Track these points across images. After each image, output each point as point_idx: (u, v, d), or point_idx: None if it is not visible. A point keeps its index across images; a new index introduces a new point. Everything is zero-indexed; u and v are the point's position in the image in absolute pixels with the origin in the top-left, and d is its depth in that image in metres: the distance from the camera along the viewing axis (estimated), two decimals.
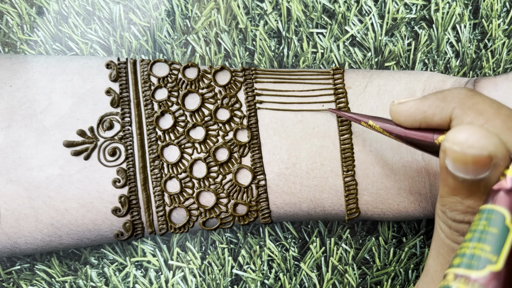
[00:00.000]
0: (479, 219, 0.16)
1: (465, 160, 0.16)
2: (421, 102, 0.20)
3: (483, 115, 0.18)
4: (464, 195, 0.17)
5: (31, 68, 0.29)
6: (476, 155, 0.16)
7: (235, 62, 0.33)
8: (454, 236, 0.18)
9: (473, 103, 0.18)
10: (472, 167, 0.16)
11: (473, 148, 0.16)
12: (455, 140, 0.16)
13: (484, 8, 0.33)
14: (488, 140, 0.16)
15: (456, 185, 0.17)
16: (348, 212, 0.29)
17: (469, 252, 0.15)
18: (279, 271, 0.33)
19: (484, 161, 0.16)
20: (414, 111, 0.20)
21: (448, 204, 0.18)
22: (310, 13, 0.33)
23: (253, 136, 0.29)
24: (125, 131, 0.29)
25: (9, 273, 0.32)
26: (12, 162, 0.28)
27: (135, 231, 0.29)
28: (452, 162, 0.17)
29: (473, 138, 0.16)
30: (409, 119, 0.21)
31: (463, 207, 0.18)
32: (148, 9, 0.33)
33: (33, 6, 0.33)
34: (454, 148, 0.16)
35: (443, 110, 0.19)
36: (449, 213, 0.18)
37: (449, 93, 0.19)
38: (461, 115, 0.18)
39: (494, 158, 0.16)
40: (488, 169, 0.16)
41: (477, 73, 0.33)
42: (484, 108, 0.18)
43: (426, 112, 0.20)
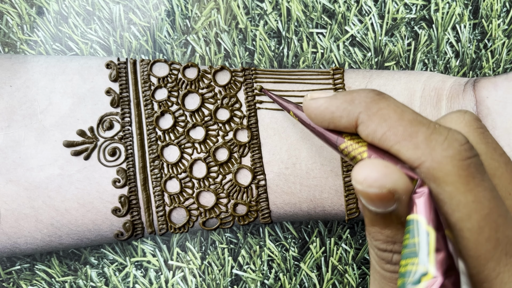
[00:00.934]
0: (405, 233, 0.16)
1: (370, 197, 0.16)
2: (330, 101, 0.20)
3: (386, 121, 0.18)
4: (381, 226, 0.18)
5: (31, 68, 0.29)
6: (377, 193, 0.16)
7: (235, 62, 0.33)
8: (382, 264, 0.19)
9: (378, 109, 0.18)
10: (378, 202, 0.16)
11: (372, 187, 0.16)
12: (356, 179, 0.16)
13: (484, 8, 0.33)
14: (386, 178, 0.16)
15: (372, 217, 0.18)
16: (348, 212, 0.29)
17: (404, 270, 0.15)
18: (279, 271, 0.33)
19: (386, 197, 0.16)
20: (323, 110, 0.20)
21: (371, 234, 0.18)
22: (310, 13, 0.33)
23: (253, 136, 0.29)
24: (125, 131, 0.29)
25: (9, 273, 0.32)
26: (12, 162, 0.28)
27: (135, 231, 0.29)
28: (361, 198, 0.17)
29: (372, 176, 0.16)
30: (319, 118, 0.20)
31: (383, 237, 0.18)
32: (148, 9, 0.33)
33: (33, 6, 0.33)
34: (358, 187, 0.16)
35: (349, 114, 0.19)
36: (373, 242, 0.18)
37: (356, 95, 0.19)
38: (366, 120, 0.18)
39: (395, 194, 0.16)
40: (393, 203, 0.16)
41: (477, 73, 0.33)
42: (388, 113, 0.18)
43: (334, 113, 0.20)
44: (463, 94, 0.28)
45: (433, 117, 0.28)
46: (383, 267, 0.19)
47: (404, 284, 0.15)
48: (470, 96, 0.28)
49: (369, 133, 0.18)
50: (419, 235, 0.15)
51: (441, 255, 0.15)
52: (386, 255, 0.18)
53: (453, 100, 0.28)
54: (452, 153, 0.16)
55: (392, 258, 0.18)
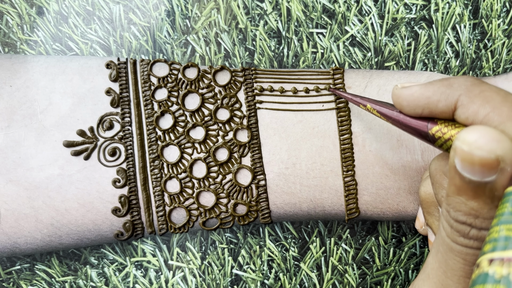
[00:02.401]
0: (502, 202, 0.16)
1: (472, 161, 0.16)
2: (425, 87, 0.20)
3: (489, 102, 0.17)
4: (469, 196, 0.17)
5: (31, 68, 0.29)
6: (484, 157, 0.16)
7: (235, 62, 0.33)
8: (454, 236, 0.18)
9: (480, 91, 0.18)
10: (479, 168, 0.16)
11: (481, 150, 0.16)
12: (465, 140, 0.16)
13: (484, 8, 0.33)
14: (498, 144, 0.16)
15: (462, 185, 0.17)
16: (348, 212, 0.29)
17: (499, 235, 0.15)
18: (279, 271, 0.33)
19: (491, 164, 0.16)
20: (418, 96, 0.20)
21: (452, 204, 0.18)
22: (310, 13, 0.33)
23: (253, 136, 0.29)
24: (125, 131, 0.29)
25: (9, 273, 0.32)
26: (12, 162, 0.28)
27: (135, 231, 0.29)
28: (460, 161, 0.16)
29: (483, 139, 0.16)
30: (412, 104, 0.20)
31: (467, 209, 0.17)
32: (148, 9, 0.33)
33: (33, 6, 0.33)
34: (463, 147, 0.16)
35: (448, 97, 0.19)
36: (452, 213, 0.18)
37: (455, 80, 0.19)
38: (468, 102, 0.18)
39: (501, 163, 0.16)
40: (495, 173, 0.16)
41: (477, 73, 0.33)
42: (491, 95, 0.18)
43: (430, 98, 0.20)
44: None
45: None
46: (455, 240, 0.18)
47: (496, 248, 0.15)
48: None
49: (470, 115, 0.18)
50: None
51: None
52: (463, 228, 0.18)
53: None
54: None
55: (470, 232, 0.18)
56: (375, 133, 0.29)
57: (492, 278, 0.14)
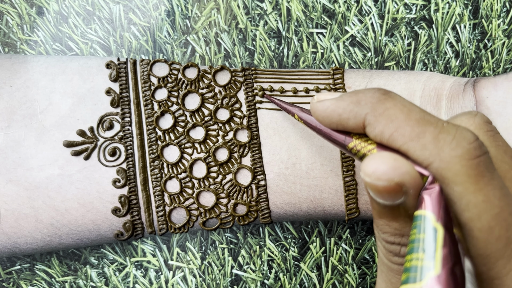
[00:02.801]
0: (412, 228, 0.16)
1: (378, 190, 0.16)
2: (336, 103, 0.20)
3: (393, 122, 0.17)
4: (389, 219, 0.18)
5: (31, 68, 0.29)
6: (385, 186, 0.16)
7: (235, 62, 0.33)
8: (389, 256, 0.19)
9: (384, 109, 0.18)
10: (386, 195, 0.16)
11: (380, 180, 0.16)
12: (365, 172, 0.16)
13: (484, 8, 0.33)
14: (394, 171, 0.16)
15: (380, 209, 0.18)
16: (348, 212, 0.29)
17: (409, 265, 0.15)
18: (279, 271, 0.33)
19: (394, 190, 0.16)
20: (330, 112, 0.20)
21: (379, 226, 0.18)
22: (310, 13, 0.33)
23: (253, 136, 0.29)
24: (125, 131, 0.29)
25: (9, 273, 0.32)
26: (12, 162, 0.28)
27: (135, 231, 0.29)
28: (369, 190, 0.17)
29: (381, 169, 0.16)
30: (326, 120, 0.20)
31: (391, 229, 0.18)
32: (148, 9, 0.33)
33: (33, 6, 0.33)
34: (366, 179, 0.16)
35: (356, 115, 0.19)
36: (381, 234, 0.18)
37: (362, 96, 0.19)
38: (373, 122, 0.18)
39: (403, 187, 0.16)
40: (401, 196, 0.16)
41: (476, 73, 0.33)
42: (394, 114, 0.17)
43: (341, 115, 0.19)
44: (463, 94, 0.28)
45: None
46: (390, 260, 0.19)
47: (408, 279, 0.15)
48: (470, 96, 0.28)
49: (377, 134, 0.18)
50: (426, 231, 0.15)
51: (447, 252, 0.15)
52: (393, 248, 0.18)
53: (453, 100, 0.28)
54: (460, 152, 0.16)
55: (400, 250, 0.18)
56: None
57: None
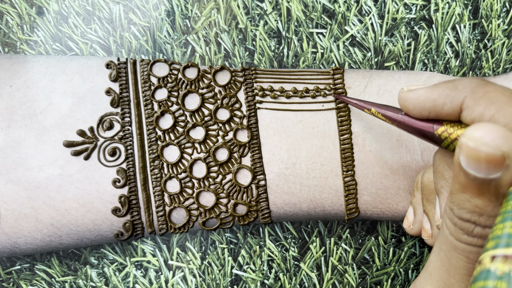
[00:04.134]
0: (507, 200, 0.16)
1: (478, 157, 0.16)
2: (431, 90, 0.20)
3: (494, 104, 0.17)
4: (473, 194, 0.17)
5: (31, 68, 0.29)
6: (490, 153, 0.16)
7: (235, 62, 0.33)
8: (458, 234, 0.18)
9: (485, 92, 0.18)
10: (485, 165, 0.16)
11: (487, 146, 0.16)
12: (471, 136, 0.16)
13: (484, 8, 0.33)
14: (504, 140, 0.15)
15: (466, 182, 0.17)
16: (348, 212, 0.29)
17: (502, 233, 0.15)
18: (279, 271, 0.33)
19: (497, 160, 0.16)
20: (423, 99, 0.20)
21: (456, 201, 0.18)
22: (310, 13, 0.33)
23: (253, 136, 0.29)
24: (125, 131, 0.29)
25: (9, 273, 0.32)
26: (12, 162, 0.28)
27: (135, 231, 0.29)
28: (465, 158, 0.16)
29: (489, 136, 0.16)
30: (418, 107, 0.20)
31: (471, 206, 0.17)
32: (148, 9, 0.33)
33: (33, 6, 0.33)
34: (469, 143, 0.16)
35: (453, 99, 0.19)
36: (456, 211, 0.18)
37: (460, 82, 0.19)
38: (472, 104, 0.18)
39: (507, 159, 0.16)
40: (500, 170, 0.16)
41: (476, 73, 0.33)
42: (495, 96, 0.18)
43: (436, 101, 0.20)
44: None
45: None
46: (459, 238, 0.18)
47: (499, 244, 0.15)
48: None
49: (475, 117, 0.18)
50: None
51: None
52: (467, 226, 0.18)
53: None
54: None
55: (474, 229, 0.18)
56: (375, 133, 0.29)
57: (494, 274, 0.14)
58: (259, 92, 0.29)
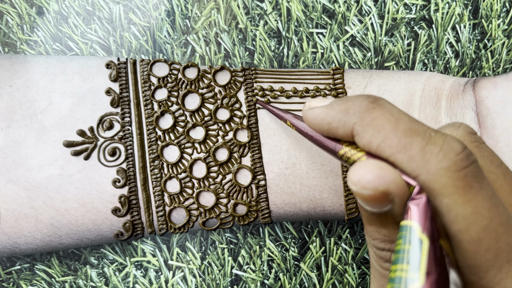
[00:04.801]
0: (398, 238, 0.16)
1: (364, 198, 0.16)
2: (326, 111, 0.19)
3: (380, 132, 0.17)
4: (377, 225, 0.18)
5: (31, 68, 0.29)
6: (370, 194, 0.16)
7: (235, 62, 0.33)
8: (380, 262, 0.19)
9: (372, 119, 0.18)
10: (372, 203, 0.16)
11: (365, 189, 0.16)
12: (351, 180, 0.16)
13: (484, 8, 0.33)
14: (380, 180, 0.16)
15: (368, 216, 0.18)
16: (348, 212, 0.29)
17: (394, 276, 0.15)
18: (279, 271, 0.33)
19: (379, 198, 0.16)
20: (320, 120, 0.20)
21: (369, 232, 0.18)
22: (310, 13, 0.33)
23: (253, 136, 0.29)
24: (125, 131, 0.29)
25: (9, 273, 0.32)
26: (12, 162, 0.28)
27: (135, 231, 0.29)
28: (357, 198, 0.17)
29: (366, 178, 0.16)
30: (317, 127, 0.20)
31: (381, 236, 0.18)
32: (148, 9, 0.33)
33: (33, 6, 0.33)
34: (353, 188, 0.16)
35: (345, 124, 0.19)
36: (371, 241, 0.19)
37: (351, 104, 0.19)
38: (361, 131, 0.18)
39: (389, 195, 0.16)
40: (388, 204, 0.16)
41: (476, 73, 0.33)
42: (382, 124, 0.17)
43: (330, 124, 0.19)
44: (462, 94, 0.28)
45: (432, 117, 0.28)
46: (381, 266, 0.19)
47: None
48: (469, 96, 0.28)
49: (365, 144, 0.18)
50: (412, 242, 0.15)
51: (432, 264, 0.14)
52: (383, 254, 0.18)
53: (452, 100, 0.28)
54: (447, 164, 0.16)
55: (390, 257, 0.18)
56: None
57: None
58: (259, 92, 0.29)
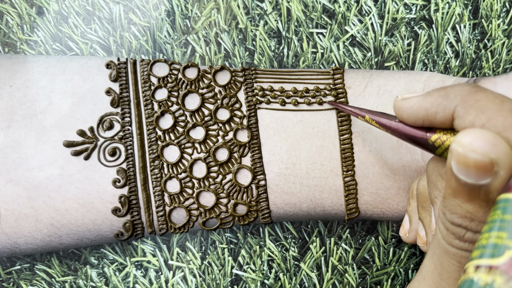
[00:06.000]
0: (494, 209, 0.16)
1: (467, 163, 0.16)
2: (423, 99, 0.20)
3: (485, 113, 0.17)
4: (464, 199, 0.17)
5: (31, 68, 0.29)
6: (478, 160, 0.16)
7: (235, 62, 0.33)
8: (450, 239, 0.18)
9: (475, 101, 0.18)
10: (474, 171, 0.16)
11: (475, 153, 0.16)
12: (460, 142, 0.16)
13: (484, 8, 0.33)
14: (492, 147, 0.16)
15: (458, 188, 0.17)
16: (348, 212, 0.29)
17: (487, 242, 0.15)
18: (279, 271, 0.33)
19: (485, 167, 0.16)
20: (417, 108, 0.20)
21: (448, 206, 0.18)
22: (310, 13, 0.33)
23: (253, 136, 0.29)
24: (125, 131, 0.29)
25: (9, 273, 0.32)
26: (12, 162, 0.28)
27: (135, 231, 0.29)
28: (455, 163, 0.16)
29: (478, 142, 0.16)
30: (412, 116, 0.20)
31: (462, 211, 0.17)
32: (148, 9, 0.33)
33: (33, 6, 0.33)
34: (458, 149, 0.16)
35: (445, 108, 0.19)
36: (448, 215, 0.18)
37: (451, 90, 0.19)
38: (463, 113, 0.18)
39: (495, 166, 0.16)
40: (489, 176, 0.16)
41: (476, 73, 0.33)
42: (486, 105, 0.17)
43: (428, 110, 0.19)
44: None
45: None
46: (451, 242, 0.18)
47: (483, 254, 0.15)
48: None
49: (467, 126, 0.18)
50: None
51: None
52: (458, 231, 0.18)
53: None
54: None
55: (465, 235, 0.18)
56: (375, 133, 0.29)
57: (476, 284, 0.14)
58: (259, 92, 0.29)
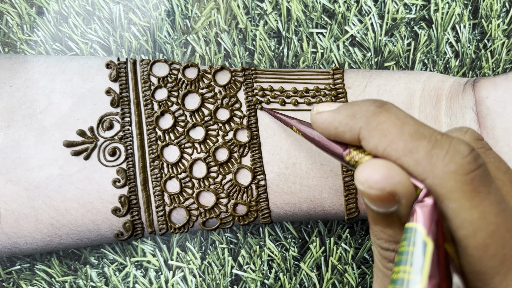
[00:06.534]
0: (402, 240, 0.16)
1: (371, 197, 0.16)
2: (333, 116, 0.19)
3: (386, 136, 0.17)
4: (383, 225, 0.18)
5: (31, 68, 0.29)
6: (377, 194, 0.16)
7: (235, 62, 0.33)
8: (384, 262, 0.19)
9: (378, 123, 0.18)
10: (379, 203, 0.16)
11: (372, 189, 0.16)
12: (358, 180, 0.16)
13: (484, 8, 0.33)
14: (387, 180, 0.16)
15: (374, 216, 0.18)
16: (348, 212, 0.29)
17: (396, 277, 0.15)
18: (279, 271, 0.33)
19: (386, 198, 0.16)
20: (327, 125, 0.20)
21: (374, 232, 0.18)
22: (310, 13, 0.33)
23: (253, 136, 0.29)
24: (125, 131, 0.29)
25: (9, 273, 0.32)
26: (12, 162, 0.28)
27: (135, 231, 0.29)
28: (363, 196, 0.17)
29: (374, 177, 0.16)
30: (325, 132, 0.20)
31: (386, 236, 0.18)
32: (148, 9, 0.33)
33: (33, 6, 0.33)
34: (359, 187, 0.16)
35: (351, 129, 0.19)
36: (376, 241, 0.19)
37: (358, 109, 0.19)
38: (368, 136, 0.18)
39: (396, 196, 0.16)
40: (394, 204, 0.16)
41: (476, 73, 0.33)
42: (388, 128, 0.17)
43: (337, 128, 0.19)
44: (462, 94, 0.28)
45: (432, 117, 0.28)
46: (385, 266, 0.19)
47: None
48: (469, 96, 0.28)
49: (372, 149, 0.18)
50: (416, 245, 0.15)
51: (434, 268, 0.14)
52: (388, 254, 0.18)
53: (452, 100, 0.28)
54: (454, 168, 0.16)
55: (394, 257, 0.18)
56: None
57: None
58: (259, 92, 0.29)
